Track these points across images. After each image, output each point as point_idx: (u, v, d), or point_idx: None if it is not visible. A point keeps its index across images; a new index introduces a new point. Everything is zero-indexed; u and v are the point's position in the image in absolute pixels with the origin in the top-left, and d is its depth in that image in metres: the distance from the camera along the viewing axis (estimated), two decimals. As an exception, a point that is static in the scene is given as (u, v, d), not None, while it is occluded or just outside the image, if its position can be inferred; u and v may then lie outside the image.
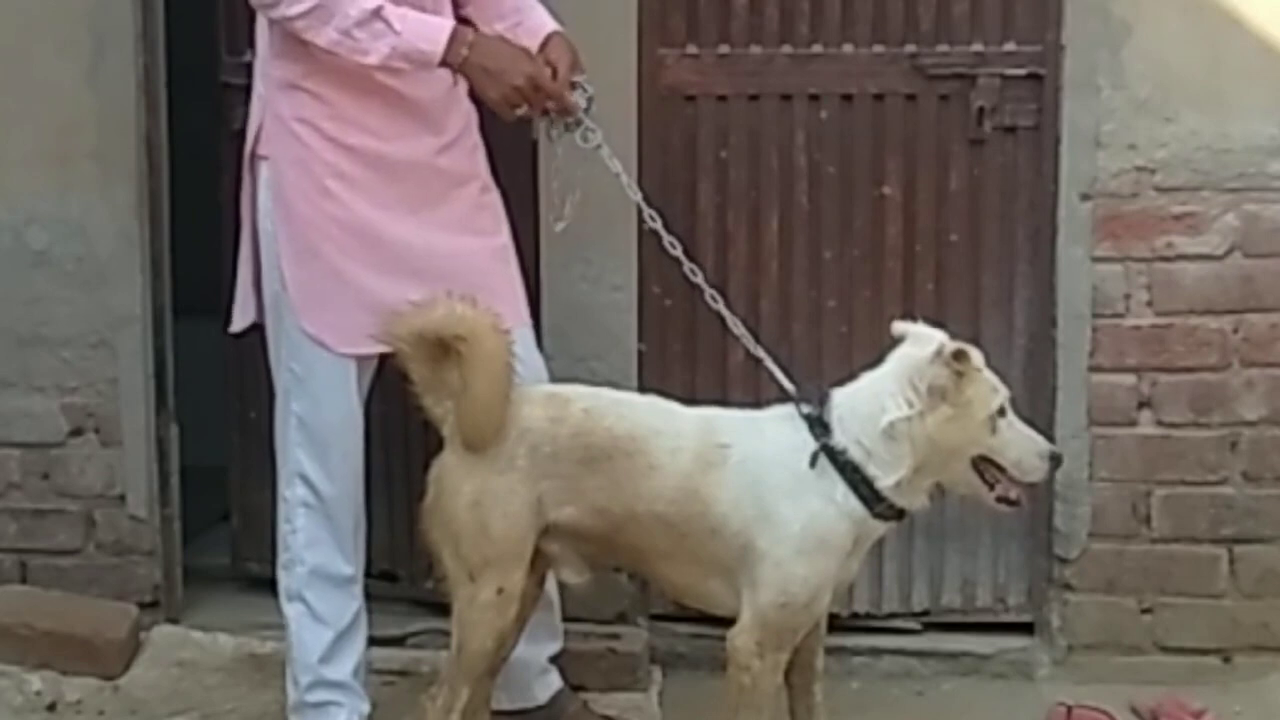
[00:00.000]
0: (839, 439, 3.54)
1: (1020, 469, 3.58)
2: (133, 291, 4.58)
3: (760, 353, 3.83)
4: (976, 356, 3.54)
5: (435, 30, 3.72)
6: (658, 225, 3.93)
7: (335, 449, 3.92)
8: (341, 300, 3.79)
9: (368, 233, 3.82)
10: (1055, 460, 3.63)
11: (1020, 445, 3.58)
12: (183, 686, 4.43)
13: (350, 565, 3.98)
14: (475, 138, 4.00)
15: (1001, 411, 3.55)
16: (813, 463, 3.54)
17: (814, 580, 3.55)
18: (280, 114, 3.82)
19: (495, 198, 4.02)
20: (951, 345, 3.52)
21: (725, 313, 3.90)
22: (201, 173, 4.76)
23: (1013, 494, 3.60)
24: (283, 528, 4.00)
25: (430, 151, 3.88)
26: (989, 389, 3.55)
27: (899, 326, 3.68)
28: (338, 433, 3.91)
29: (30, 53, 4.52)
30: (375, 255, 3.82)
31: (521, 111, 3.81)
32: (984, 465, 3.57)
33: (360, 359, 3.88)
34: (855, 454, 3.53)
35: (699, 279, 3.93)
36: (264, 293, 3.95)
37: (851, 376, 3.71)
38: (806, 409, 3.60)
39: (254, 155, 3.90)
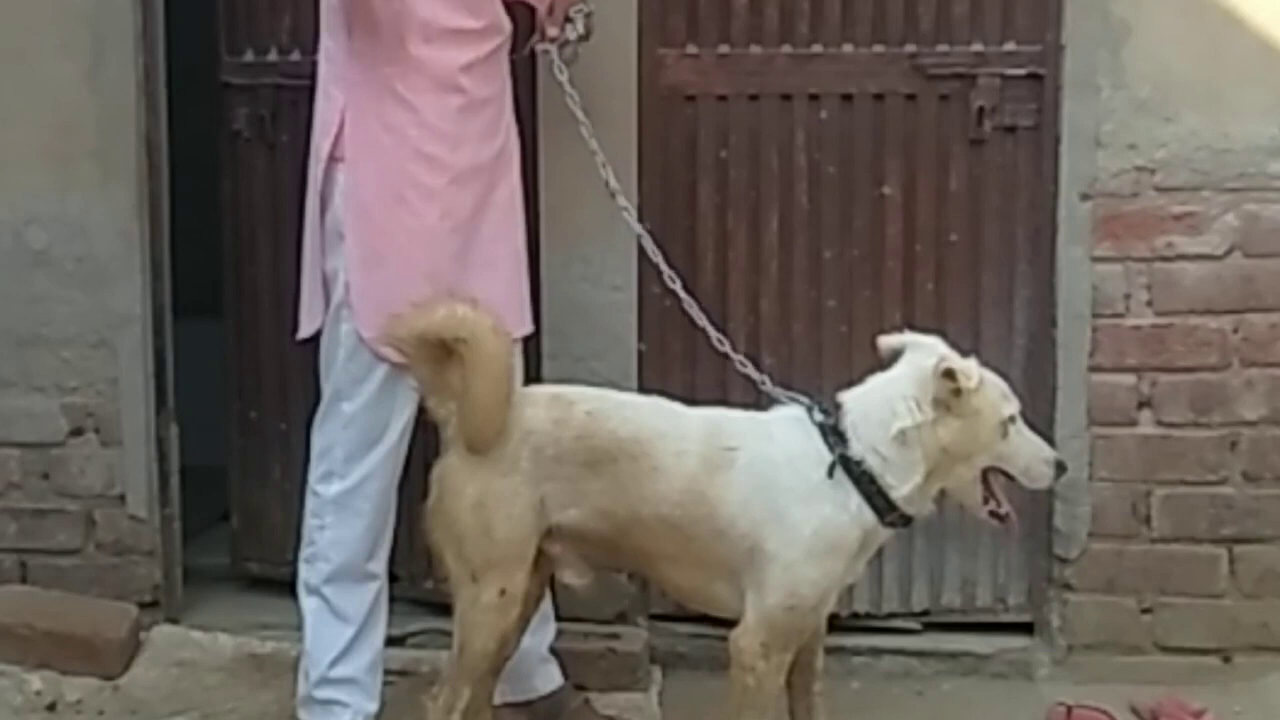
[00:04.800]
0: (855, 448, 3.54)
1: (1029, 476, 3.59)
2: (133, 291, 4.57)
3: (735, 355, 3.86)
4: (967, 373, 3.50)
5: None
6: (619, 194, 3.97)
7: (380, 449, 3.93)
8: (401, 309, 3.76)
9: (432, 243, 3.84)
10: (1060, 468, 3.63)
11: (1029, 453, 3.59)
12: (183, 686, 4.43)
13: (376, 564, 4.01)
14: (516, 140, 4.04)
15: (1012, 419, 3.55)
16: (830, 473, 3.53)
17: (823, 583, 3.56)
18: (364, 119, 3.82)
19: (520, 201, 4.05)
20: (944, 363, 3.51)
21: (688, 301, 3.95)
22: (201, 173, 4.77)
23: (1003, 509, 3.61)
24: (309, 521, 4.01)
25: (487, 156, 3.92)
26: (999, 396, 3.55)
27: (886, 341, 3.67)
28: (386, 434, 3.92)
29: (30, 53, 4.52)
30: (436, 265, 3.83)
31: None
32: (991, 475, 3.58)
33: None
34: (873, 463, 3.52)
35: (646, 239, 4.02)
36: (330, 294, 3.94)
37: (851, 376, 3.70)
38: (819, 417, 3.60)
39: (330, 158, 3.87)
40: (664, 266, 4.05)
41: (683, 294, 4.03)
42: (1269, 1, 4.41)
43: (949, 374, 3.49)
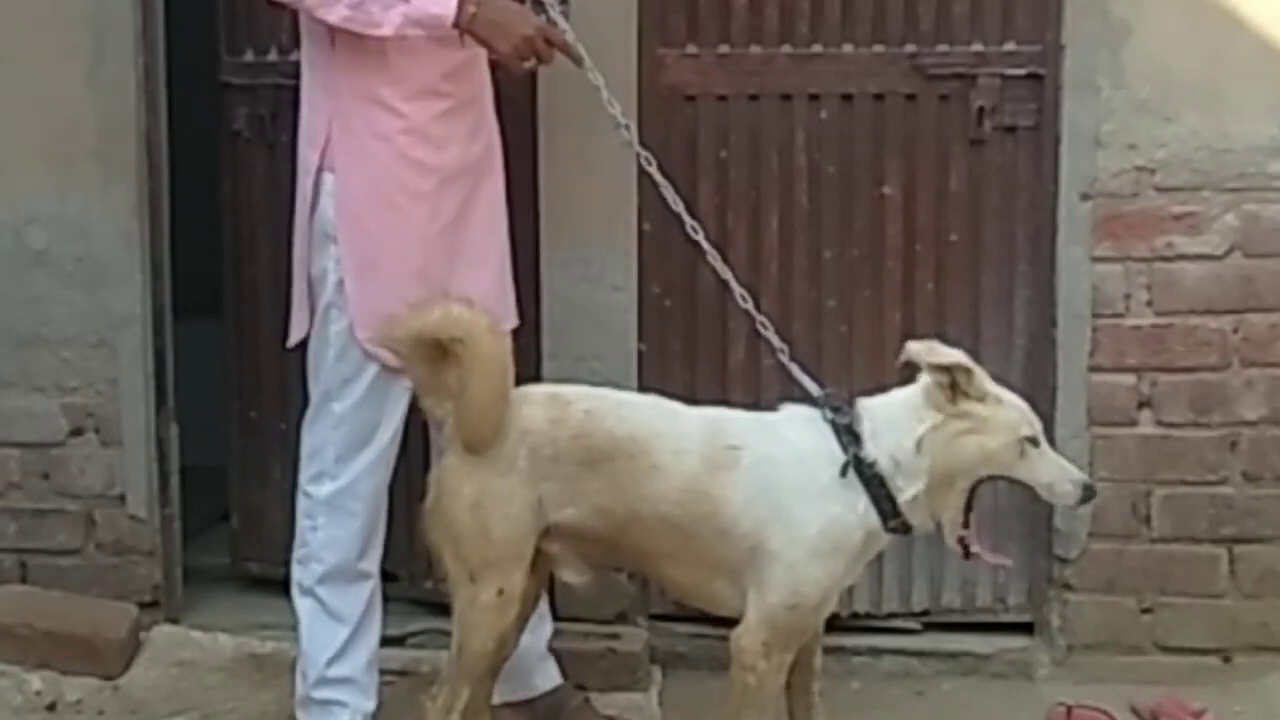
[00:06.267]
0: (870, 450, 3.53)
1: (1051, 492, 3.57)
2: (133, 291, 4.57)
3: (785, 358, 3.83)
4: (957, 360, 3.50)
5: None
6: (652, 166, 3.93)
7: (372, 449, 3.93)
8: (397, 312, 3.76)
9: (424, 245, 3.85)
10: (1088, 491, 3.59)
11: (1052, 471, 3.56)
12: (182, 686, 4.43)
13: (369, 563, 4.01)
14: (498, 137, 4.04)
15: (1032, 440, 3.53)
16: (843, 472, 3.53)
17: (826, 583, 3.56)
18: (352, 128, 3.83)
19: (503, 197, 4.06)
20: (940, 359, 3.50)
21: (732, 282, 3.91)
22: (201, 173, 4.77)
23: (973, 545, 3.59)
24: (302, 522, 4.01)
25: (473, 156, 3.93)
26: (1015, 413, 3.53)
27: (913, 347, 3.63)
28: (378, 434, 3.92)
29: (30, 53, 4.52)
30: (427, 266, 3.85)
31: (530, 65, 3.82)
32: (972, 514, 3.56)
33: None
34: (884, 466, 3.52)
35: (699, 235, 3.95)
36: (315, 296, 3.95)
37: (851, 376, 3.70)
38: (833, 416, 3.59)
39: (320, 168, 3.87)
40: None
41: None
42: (1269, 1, 4.41)
43: (939, 368, 3.48)
